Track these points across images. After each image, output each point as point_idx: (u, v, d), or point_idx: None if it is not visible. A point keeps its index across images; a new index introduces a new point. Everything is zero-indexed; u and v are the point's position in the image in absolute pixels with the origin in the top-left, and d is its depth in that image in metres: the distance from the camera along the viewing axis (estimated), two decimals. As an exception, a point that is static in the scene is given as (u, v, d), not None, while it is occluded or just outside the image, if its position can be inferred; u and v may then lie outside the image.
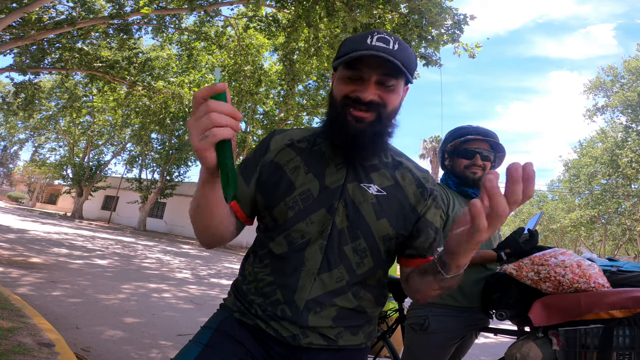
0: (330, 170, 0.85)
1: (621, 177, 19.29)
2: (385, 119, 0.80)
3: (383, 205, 0.84)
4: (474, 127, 1.66)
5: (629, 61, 19.39)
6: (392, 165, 0.90)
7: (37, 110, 16.55)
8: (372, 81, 0.78)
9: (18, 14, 7.78)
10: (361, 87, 0.78)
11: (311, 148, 0.89)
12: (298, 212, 0.82)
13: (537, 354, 1.20)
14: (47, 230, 11.62)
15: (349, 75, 0.79)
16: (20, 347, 2.21)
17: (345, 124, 0.79)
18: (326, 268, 0.81)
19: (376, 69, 0.77)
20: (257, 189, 0.87)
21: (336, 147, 0.84)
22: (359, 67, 0.78)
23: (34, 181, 37.68)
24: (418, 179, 0.89)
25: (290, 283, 0.81)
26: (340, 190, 0.83)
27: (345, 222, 0.82)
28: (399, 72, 0.77)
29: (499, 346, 4.51)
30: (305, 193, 0.83)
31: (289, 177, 0.85)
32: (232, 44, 12.81)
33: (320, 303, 0.80)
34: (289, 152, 0.88)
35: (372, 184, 0.85)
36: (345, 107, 0.79)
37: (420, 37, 6.81)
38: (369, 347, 0.91)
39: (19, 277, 4.41)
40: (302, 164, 0.86)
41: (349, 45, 0.79)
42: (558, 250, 1.32)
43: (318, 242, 0.81)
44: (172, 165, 21.75)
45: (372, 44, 0.76)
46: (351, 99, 0.78)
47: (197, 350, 0.79)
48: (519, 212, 33.99)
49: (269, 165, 0.87)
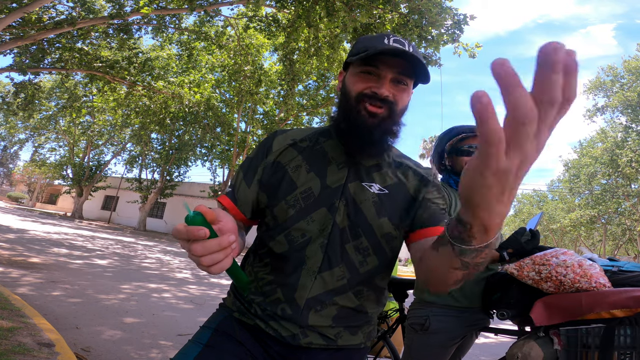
0: (331, 169, 0.86)
1: (621, 177, 19.31)
2: (396, 117, 0.82)
3: (385, 204, 0.84)
4: (467, 126, 1.69)
5: (628, 61, 19.41)
6: (394, 165, 0.90)
7: (37, 110, 16.55)
8: (388, 79, 0.80)
9: (18, 14, 7.78)
10: (377, 84, 0.80)
11: (313, 147, 0.89)
12: (299, 210, 0.83)
13: (538, 354, 1.20)
14: (47, 230, 11.62)
15: (365, 71, 0.81)
16: (20, 347, 2.20)
17: (359, 118, 0.80)
18: (327, 266, 0.81)
19: (393, 67, 0.79)
20: (260, 189, 0.88)
21: (346, 142, 0.85)
22: (376, 65, 0.80)
23: (34, 181, 37.68)
24: (420, 174, 0.90)
25: (291, 282, 0.81)
26: (341, 190, 0.84)
27: (347, 221, 0.82)
28: (413, 72, 0.81)
29: (499, 346, 4.51)
30: (306, 192, 0.84)
31: (290, 176, 0.86)
32: (232, 44, 12.82)
33: (320, 302, 0.80)
34: (291, 151, 0.89)
35: (373, 183, 0.85)
36: (360, 102, 0.81)
37: (420, 37, 6.81)
38: (368, 347, 0.91)
39: (19, 277, 4.41)
40: (303, 163, 0.87)
41: (366, 43, 0.82)
42: (559, 250, 1.31)
43: (319, 240, 0.81)
44: (172, 165, 21.75)
45: (390, 44, 0.79)
46: (367, 95, 0.80)
47: (197, 350, 0.79)
48: (519, 212, 34.00)
49: (271, 165, 0.88)
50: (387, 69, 0.80)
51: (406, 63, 0.79)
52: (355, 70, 0.83)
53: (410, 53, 0.78)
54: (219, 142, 18.69)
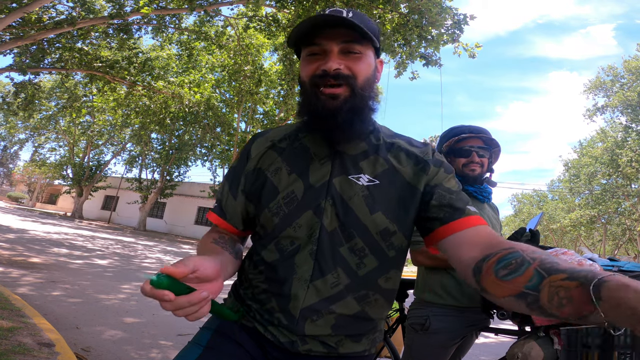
0: (314, 166, 0.79)
1: (621, 176, 19.31)
2: (361, 91, 0.75)
3: (376, 197, 0.76)
4: (466, 126, 1.69)
5: (628, 61, 19.42)
6: (385, 147, 0.82)
7: (37, 110, 16.56)
8: (334, 52, 0.74)
9: (18, 14, 7.78)
10: (324, 61, 0.74)
11: (292, 145, 0.83)
12: (283, 217, 0.77)
13: (538, 354, 1.20)
14: (47, 230, 11.62)
15: (310, 53, 0.76)
16: (20, 347, 2.20)
17: (319, 104, 0.74)
18: (319, 274, 0.74)
19: (336, 38, 0.74)
20: (246, 199, 0.84)
21: (317, 134, 0.79)
22: (318, 42, 0.75)
23: (34, 181, 37.68)
24: (415, 156, 0.80)
25: (284, 292, 0.75)
26: (326, 188, 0.77)
27: (336, 222, 0.75)
28: (361, 36, 0.73)
29: (499, 346, 4.51)
30: (288, 196, 0.78)
31: (271, 181, 0.80)
32: (232, 44, 12.82)
33: (316, 311, 0.74)
34: (271, 154, 0.83)
35: (362, 174, 0.78)
36: (315, 87, 0.75)
37: (420, 37, 6.81)
38: (372, 354, 0.85)
39: (19, 277, 4.41)
40: (283, 165, 0.81)
41: (301, 24, 0.75)
42: (559, 250, 1.31)
43: (308, 247, 0.75)
44: (172, 165, 21.76)
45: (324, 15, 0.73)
46: (318, 75, 0.74)
47: (197, 352, 0.77)
48: (519, 212, 34.01)
49: (252, 172, 0.83)
50: (330, 42, 0.74)
51: (351, 31, 0.72)
52: (303, 56, 0.78)
53: (348, 19, 0.71)
54: (219, 142, 18.70)
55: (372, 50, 0.78)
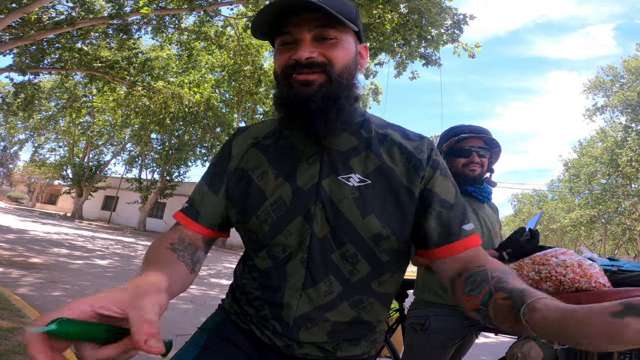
0: (302, 167, 0.74)
1: (621, 176, 19.33)
2: (338, 79, 0.69)
3: (368, 199, 0.71)
4: (466, 126, 1.68)
5: (628, 61, 19.44)
6: (377, 140, 0.76)
7: (37, 110, 16.54)
8: (306, 39, 0.69)
9: (18, 14, 7.78)
10: (296, 49, 0.69)
11: (278, 143, 0.78)
12: (272, 224, 0.72)
13: (538, 353, 1.20)
14: (47, 230, 11.62)
15: (282, 42, 0.71)
16: (20, 347, 2.20)
17: (292, 92, 0.69)
18: (311, 283, 0.71)
19: (306, 24, 0.68)
20: (227, 200, 0.78)
21: (292, 127, 0.74)
22: (288, 31, 0.69)
23: (34, 181, 37.70)
24: (408, 152, 0.75)
25: (277, 300, 0.73)
26: (315, 191, 0.72)
27: (327, 228, 0.71)
28: (334, 20, 0.67)
29: (499, 346, 4.51)
30: (276, 202, 0.73)
31: (257, 185, 0.75)
32: (232, 44, 12.81)
33: (310, 319, 0.72)
34: (255, 153, 0.78)
35: (352, 174, 0.72)
36: (288, 77, 0.70)
37: (420, 37, 6.81)
38: (372, 355, 0.82)
39: (19, 278, 4.41)
40: (270, 168, 0.75)
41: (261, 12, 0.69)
42: (559, 250, 1.31)
43: (299, 255, 0.72)
44: (172, 165, 21.76)
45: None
46: (290, 66, 0.69)
47: (194, 352, 0.77)
48: (519, 212, 34.02)
49: (234, 173, 0.78)
50: (301, 29, 0.68)
51: (322, 15, 0.66)
52: (276, 46, 0.73)
53: (313, 2, 0.64)
54: (218, 142, 18.71)
55: (351, 35, 0.73)
